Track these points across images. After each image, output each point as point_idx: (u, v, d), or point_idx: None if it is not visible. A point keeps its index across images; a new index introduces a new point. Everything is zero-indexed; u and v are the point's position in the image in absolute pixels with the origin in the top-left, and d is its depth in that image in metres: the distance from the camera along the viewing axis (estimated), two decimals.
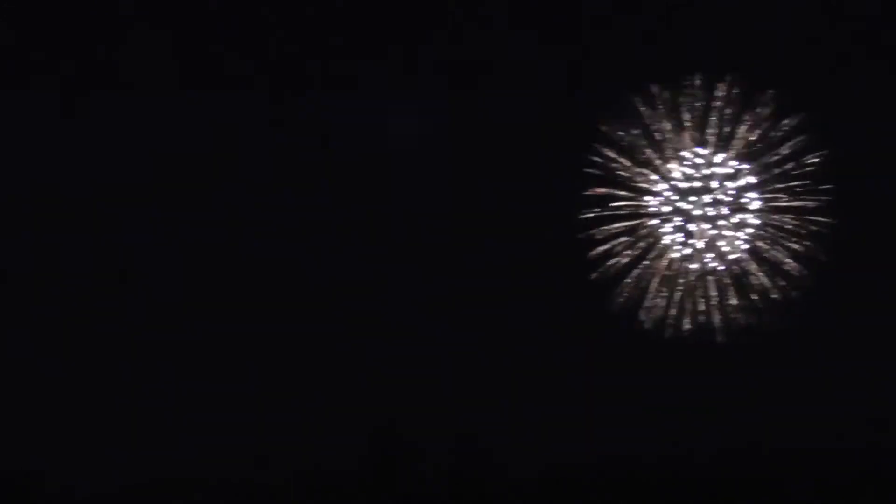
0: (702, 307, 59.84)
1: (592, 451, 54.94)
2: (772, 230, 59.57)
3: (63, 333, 55.04)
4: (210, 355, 55.12)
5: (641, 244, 60.25)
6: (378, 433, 54.68)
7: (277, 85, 57.68)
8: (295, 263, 55.78)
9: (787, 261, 59.41)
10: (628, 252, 60.12)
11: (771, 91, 58.07)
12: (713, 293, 59.93)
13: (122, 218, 56.46)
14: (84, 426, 54.16)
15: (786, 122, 58.64)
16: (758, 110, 58.52)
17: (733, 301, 59.42)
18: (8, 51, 55.28)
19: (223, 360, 55.14)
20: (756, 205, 59.44)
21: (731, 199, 59.29)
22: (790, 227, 59.29)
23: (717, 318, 59.87)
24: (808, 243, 58.95)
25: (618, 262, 59.98)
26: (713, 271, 59.90)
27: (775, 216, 59.48)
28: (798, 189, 58.88)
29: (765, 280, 59.57)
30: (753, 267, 59.90)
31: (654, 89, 58.66)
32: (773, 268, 59.53)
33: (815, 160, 58.46)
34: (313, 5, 57.23)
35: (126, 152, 56.62)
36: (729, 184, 59.27)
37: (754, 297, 59.52)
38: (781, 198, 59.11)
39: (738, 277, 59.86)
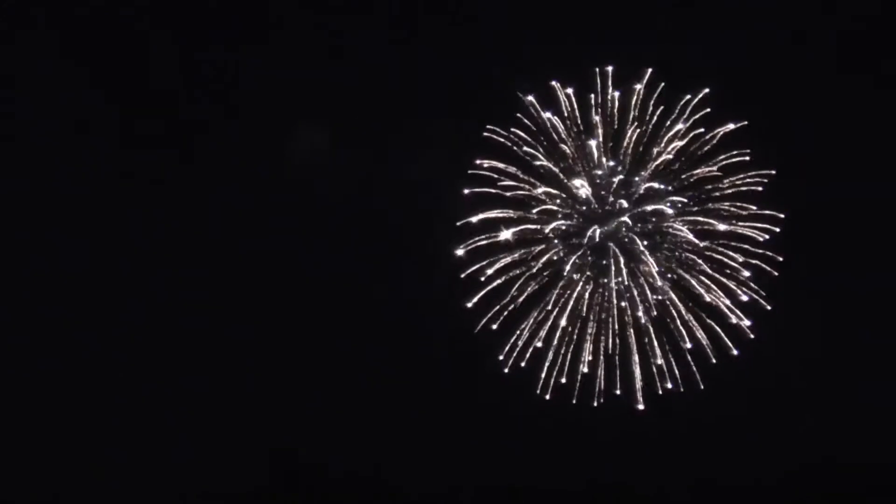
0: (617, 363, 55.48)
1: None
2: (704, 265, 54.94)
3: (63, 333, 57.23)
4: (210, 355, 57.22)
5: (539, 280, 55.63)
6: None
7: None
8: (295, 263, 57.83)
9: (723, 304, 54.60)
10: (523, 290, 55.51)
11: (705, 90, 53.82)
12: (632, 345, 55.43)
13: (122, 218, 58.24)
14: (84, 426, 56.38)
15: (722, 129, 54.24)
16: (686, 114, 54.30)
17: (657, 357, 55.15)
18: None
19: (223, 360, 57.27)
20: (684, 233, 55.01)
21: (651, 225, 55.23)
22: (729, 262, 54.72)
23: (636, 379, 55.33)
24: (750, 283, 54.46)
25: (509, 304, 55.33)
26: (631, 317, 55.47)
27: (710, 248, 54.96)
28: (737, 214, 54.54)
29: (696, 329, 54.90)
30: (681, 311, 55.12)
31: (556, 86, 54.47)
32: (705, 312, 55.00)
33: (760, 178, 54.22)
34: None
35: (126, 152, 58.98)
36: (648, 207, 55.06)
37: (682, 350, 55.15)
38: (715, 225, 54.38)
39: (661, 325, 55.32)
